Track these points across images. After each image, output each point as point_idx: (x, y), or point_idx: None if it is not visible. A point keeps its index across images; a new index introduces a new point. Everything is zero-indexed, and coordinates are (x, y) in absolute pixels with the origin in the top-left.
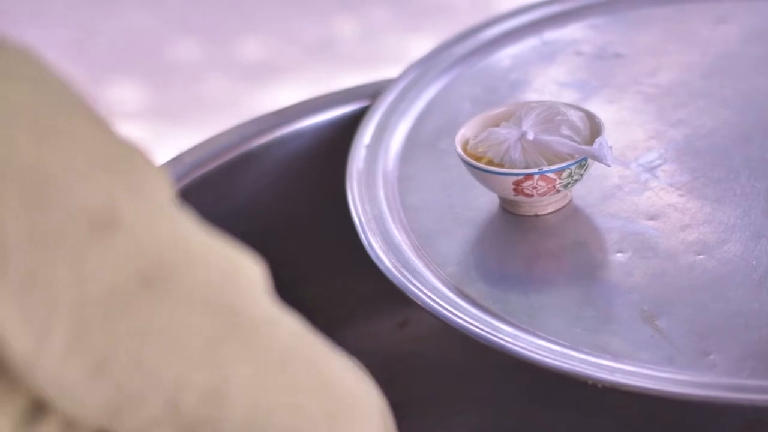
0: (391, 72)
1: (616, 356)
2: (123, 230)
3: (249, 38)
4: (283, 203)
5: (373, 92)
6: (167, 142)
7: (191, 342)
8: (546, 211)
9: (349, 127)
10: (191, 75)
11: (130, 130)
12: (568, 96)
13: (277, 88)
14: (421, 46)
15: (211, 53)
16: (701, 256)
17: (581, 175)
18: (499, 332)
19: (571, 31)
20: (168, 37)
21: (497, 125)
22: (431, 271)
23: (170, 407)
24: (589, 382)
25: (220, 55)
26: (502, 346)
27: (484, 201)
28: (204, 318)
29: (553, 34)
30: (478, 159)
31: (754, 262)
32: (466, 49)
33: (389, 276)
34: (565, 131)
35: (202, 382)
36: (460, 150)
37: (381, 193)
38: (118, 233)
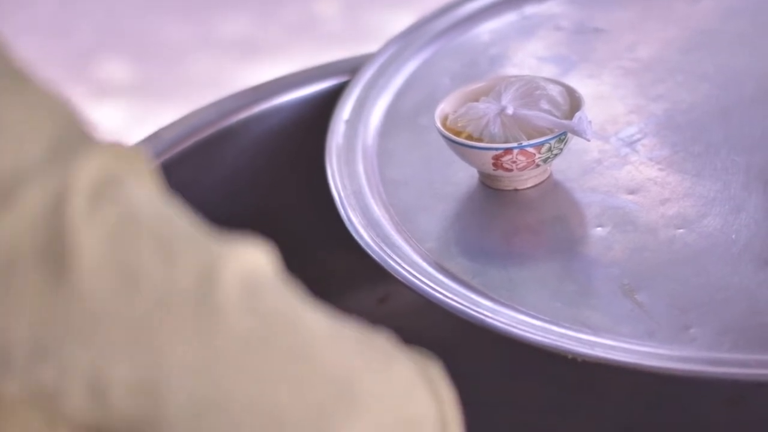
0: (372, 48)
1: (596, 330)
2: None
3: (231, 16)
4: (262, 179)
5: (352, 67)
6: (151, 120)
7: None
8: (525, 186)
9: (328, 102)
10: (174, 53)
11: (114, 109)
12: (548, 71)
13: (260, 66)
14: (402, 21)
15: (194, 31)
16: (681, 230)
17: (561, 149)
18: (479, 307)
19: (551, 6)
20: (151, 16)
21: (476, 100)
22: (411, 246)
23: (95, 399)
24: (569, 357)
25: (203, 33)
26: (482, 320)
27: (464, 176)
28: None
29: (532, 9)
30: (458, 134)
31: (733, 236)
32: (445, 23)
33: (369, 251)
34: (545, 106)
35: (126, 371)
36: (439, 125)
37: (360, 169)
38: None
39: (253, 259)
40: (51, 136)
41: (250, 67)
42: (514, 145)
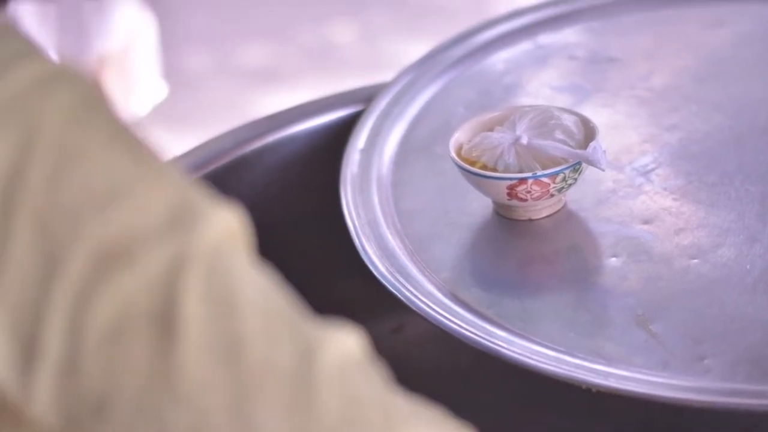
0: (389, 76)
1: (610, 361)
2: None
3: (250, 44)
4: (276, 208)
5: (367, 96)
6: (169, 148)
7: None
8: (540, 216)
9: (343, 131)
10: (192, 81)
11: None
12: (562, 100)
13: (278, 93)
14: (420, 49)
15: (212, 59)
16: (696, 260)
17: (575, 179)
18: (493, 337)
19: (565, 35)
20: (170, 43)
21: (491, 129)
22: (425, 276)
23: None
24: (584, 387)
25: (222, 60)
26: (496, 351)
27: (479, 205)
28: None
29: (547, 38)
30: (472, 163)
31: (748, 266)
32: (460, 52)
33: (384, 281)
34: (559, 135)
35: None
36: (454, 154)
37: (375, 198)
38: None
39: (348, 345)
40: (170, 201)
41: (267, 95)
42: (529, 174)
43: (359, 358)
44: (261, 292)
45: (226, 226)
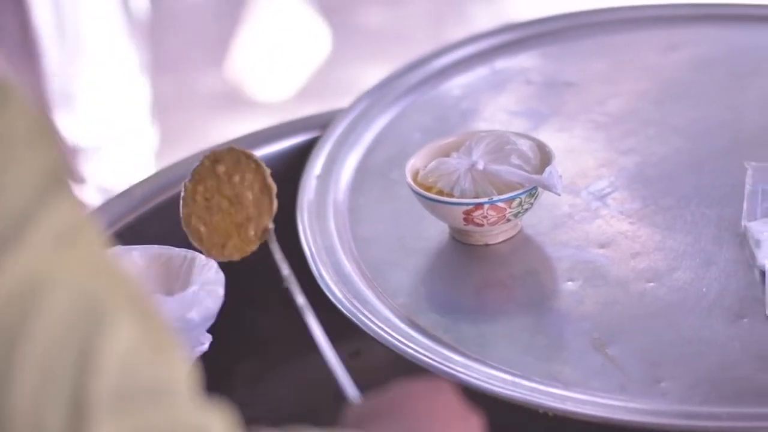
0: (348, 102)
1: (567, 385)
2: None
3: (209, 70)
4: None
5: (323, 122)
6: (129, 175)
7: None
8: (496, 241)
9: (299, 157)
10: (154, 107)
11: (92, 164)
12: (519, 125)
13: (237, 120)
14: (377, 74)
15: (173, 85)
16: (652, 284)
17: (531, 204)
18: (450, 362)
19: (522, 60)
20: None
21: (447, 155)
22: (382, 301)
23: None
24: (541, 411)
25: (181, 87)
26: (453, 376)
27: (435, 231)
28: None
29: (503, 63)
30: (428, 189)
31: (704, 290)
32: (416, 78)
33: (340, 306)
34: (515, 160)
35: None
36: (410, 180)
37: (332, 224)
38: None
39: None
40: None
41: (225, 121)
42: (485, 200)
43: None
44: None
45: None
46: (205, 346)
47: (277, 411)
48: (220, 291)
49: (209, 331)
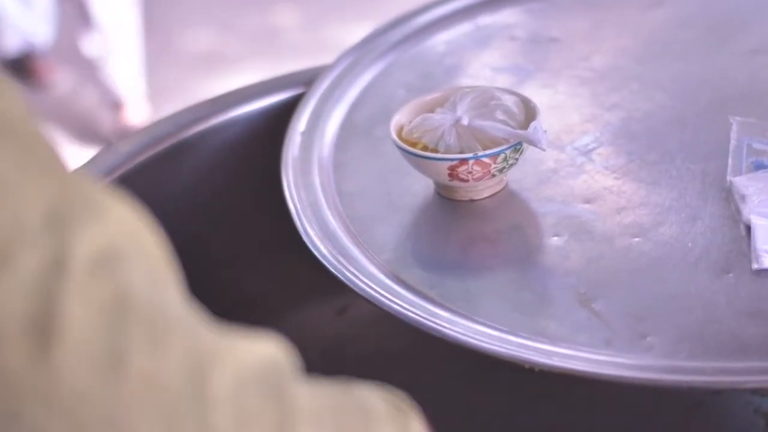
0: (331, 59)
1: (553, 340)
2: None
3: (195, 30)
4: (218, 191)
5: (307, 79)
6: None
7: None
8: (482, 196)
9: (284, 114)
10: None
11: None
12: (503, 81)
13: (222, 78)
14: (362, 32)
15: (157, 44)
16: (637, 239)
17: (516, 159)
18: (436, 318)
19: (506, 16)
20: None
21: (432, 111)
22: (367, 257)
23: None
24: (527, 366)
25: (167, 45)
26: (439, 331)
27: (420, 187)
28: None
29: (487, 19)
30: (413, 145)
31: (689, 244)
32: (400, 35)
33: (326, 263)
34: (500, 116)
35: None
36: (394, 136)
37: (316, 180)
38: None
39: (250, 355)
40: (51, 201)
41: (212, 79)
42: (470, 155)
43: (261, 368)
44: (153, 300)
45: (120, 226)
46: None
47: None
48: None
49: None
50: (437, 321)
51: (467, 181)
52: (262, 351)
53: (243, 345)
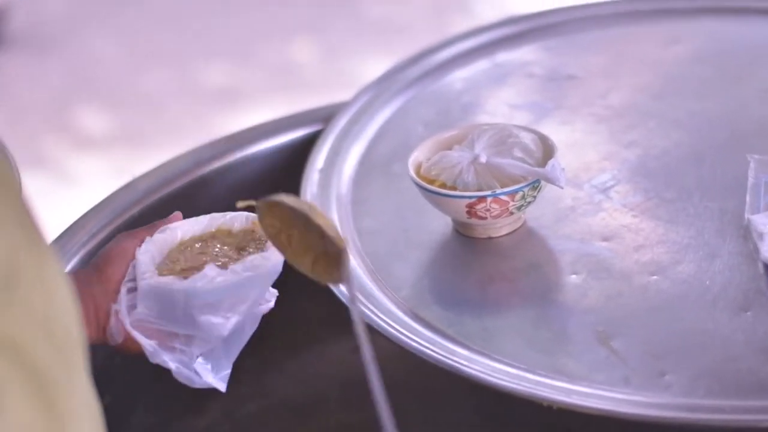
0: (351, 94)
1: (571, 378)
2: None
3: (212, 64)
4: None
5: (326, 116)
6: (134, 169)
7: None
8: (500, 234)
9: (302, 151)
10: (156, 101)
11: (93, 158)
12: (521, 118)
13: (240, 113)
14: (380, 68)
15: (175, 79)
16: (655, 277)
17: (534, 197)
18: (454, 355)
19: (523, 54)
20: (132, 64)
21: (450, 148)
22: (386, 294)
23: None
24: (545, 404)
25: (185, 81)
26: (457, 369)
27: (438, 224)
28: None
29: (505, 56)
30: (431, 182)
31: (707, 282)
32: (418, 71)
33: (344, 300)
34: (518, 153)
35: None
36: (413, 173)
37: (335, 217)
38: None
39: None
40: None
41: (230, 114)
42: (488, 193)
43: None
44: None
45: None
46: (272, 303)
47: (283, 404)
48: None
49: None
50: (455, 359)
51: (485, 218)
52: None
53: None
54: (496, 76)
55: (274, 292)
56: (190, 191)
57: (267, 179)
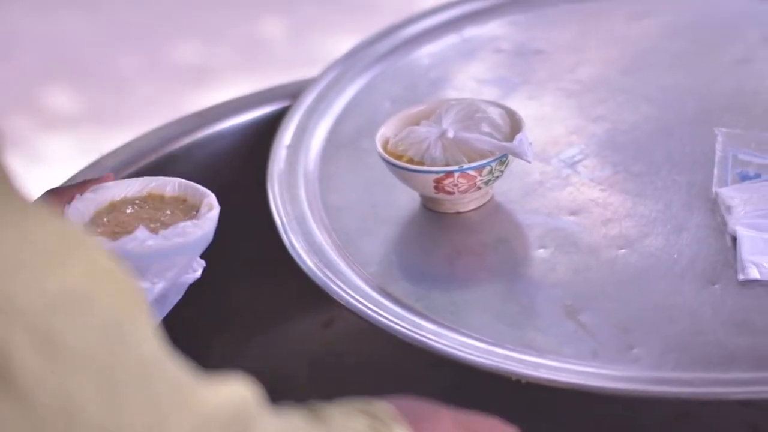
0: (318, 70)
1: (540, 352)
2: None
3: (181, 42)
4: None
5: (293, 92)
6: (99, 148)
7: None
8: (467, 209)
9: (269, 127)
10: (125, 79)
11: (60, 137)
12: (488, 93)
13: (208, 91)
14: (349, 44)
15: (143, 57)
16: (623, 251)
17: (502, 171)
18: (422, 330)
19: (491, 29)
20: (100, 43)
21: (417, 123)
22: (354, 270)
23: None
24: (514, 378)
25: (154, 59)
26: (425, 343)
27: (406, 199)
28: None
29: (472, 32)
30: (399, 157)
31: (675, 256)
32: (386, 47)
33: (312, 276)
34: (486, 128)
35: None
36: (380, 149)
37: (302, 193)
38: None
39: (213, 401)
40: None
41: (198, 93)
42: (455, 168)
43: (225, 412)
44: (111, 349)
45: (80, 271)
46: (198, 273)
47: (253, 381)
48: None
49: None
50: (423, 333)
51: (453, 193)
52: (227, 394)
53: (206, 390)
54: (463, 51)
55: (202, 262)
56: (158, 169)
57: (235, 156)
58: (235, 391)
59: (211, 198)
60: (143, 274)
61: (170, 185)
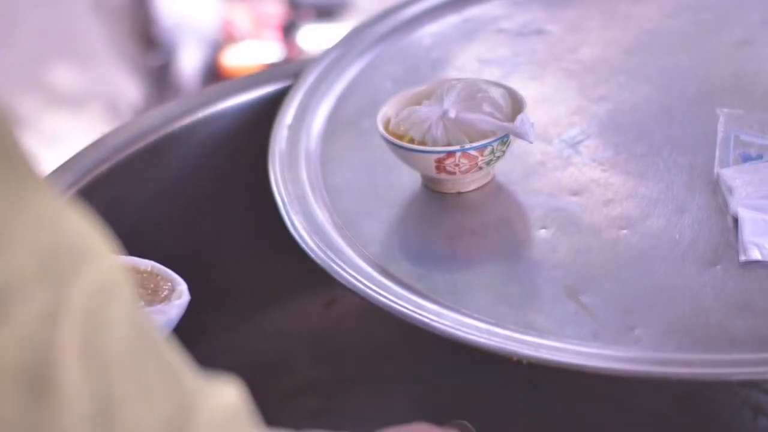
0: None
1: (541, 332)
2: None
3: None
4: (206, 185)
5: (294, 72)
6: (103, 127)
7: None
8: (469, 189)
9: (271, 107)
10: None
11: (65, 116)
12: (490, 73)
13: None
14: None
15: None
16: (625, 231)
17: (503, 152)
18: (423, 310)
19: (492, 8)
20: (103, 20)
21: (419, 104)
22: (355, 250)
23: None
24: (515, 359)
25: None
26: (426, 324)
27: (407, 180)
28: None
29: (473, 11)
30: (400, 138)
31: (677, 236)
32: (386, 27)
33: (313, 256)
34: (487, 108)
35: None
36: (381, 129)
37: (303, 174)
38: None
39: (228, 398)
40: (45, 246)
41: None
42: (457, 148)
43: (238, 411)
44: (137, 348)
45: (106, 268)
46: (187, 295)
47: (252, 360)
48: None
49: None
50: (424, 314)
51: (454, 173)
52: (230, 398)
53: (214, 393)
54: (465, 31)
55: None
56: (159, 148)
57: (236, 135)
58: (234, 397)
59: (183, 287)
60: None
61: (143, 266)
